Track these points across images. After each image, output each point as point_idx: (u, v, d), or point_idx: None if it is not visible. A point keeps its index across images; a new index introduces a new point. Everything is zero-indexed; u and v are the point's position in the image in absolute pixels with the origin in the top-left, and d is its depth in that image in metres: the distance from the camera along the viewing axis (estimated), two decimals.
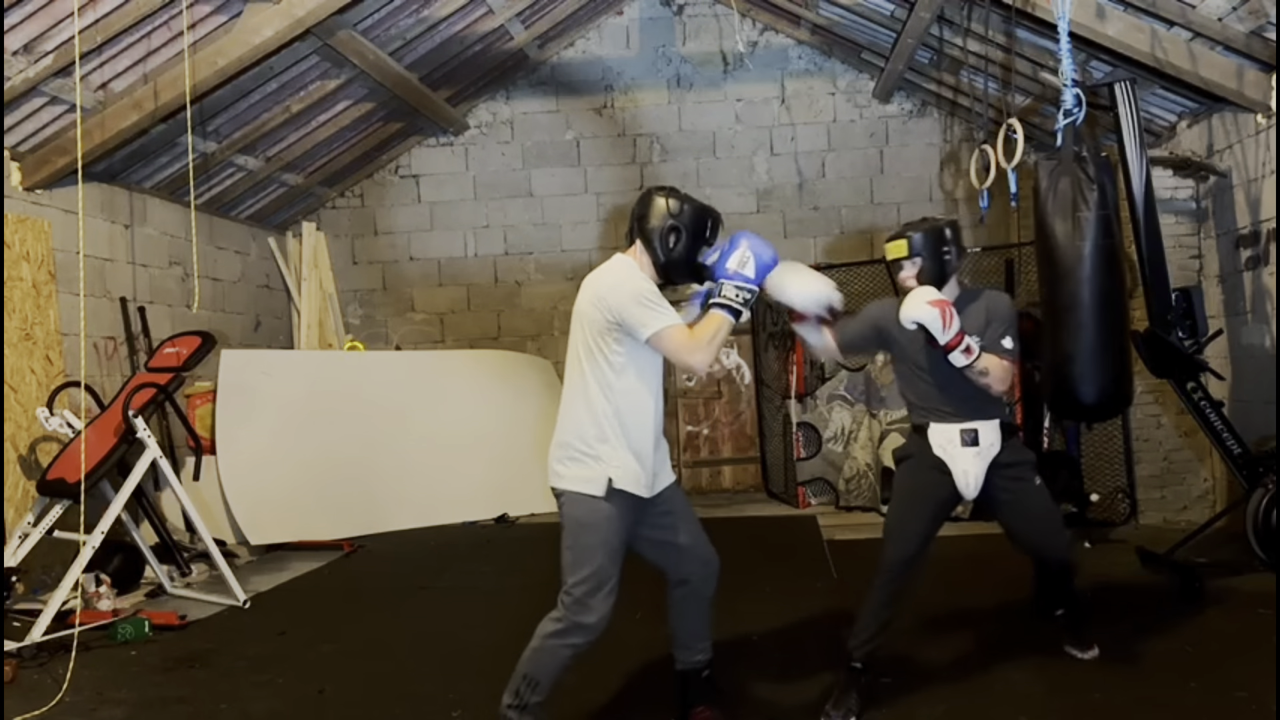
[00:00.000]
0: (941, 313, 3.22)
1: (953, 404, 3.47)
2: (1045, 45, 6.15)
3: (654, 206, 3.09)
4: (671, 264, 3.05)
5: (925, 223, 3.55)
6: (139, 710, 3.82)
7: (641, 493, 3.02)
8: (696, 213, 3.07)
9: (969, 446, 3.45)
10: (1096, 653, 3.84)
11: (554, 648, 2.95)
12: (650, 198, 3.13)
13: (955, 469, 3.47)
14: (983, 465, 3.47)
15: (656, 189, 3.16)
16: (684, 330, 2.91)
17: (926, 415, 3.55)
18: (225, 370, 6.84)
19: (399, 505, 7.39)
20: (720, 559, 3.34)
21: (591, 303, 2.98)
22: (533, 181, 9.03)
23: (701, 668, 3.31)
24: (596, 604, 2.92)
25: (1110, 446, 6.56)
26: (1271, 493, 4.91)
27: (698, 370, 2.94)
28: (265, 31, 5.53)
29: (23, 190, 5.88)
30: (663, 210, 3.07)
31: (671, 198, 3.09)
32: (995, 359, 3.37)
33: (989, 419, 3.47)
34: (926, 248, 3.46)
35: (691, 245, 3.04)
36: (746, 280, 2.92)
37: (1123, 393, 4.23)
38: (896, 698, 3.57)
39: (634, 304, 2.90)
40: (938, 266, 3.46)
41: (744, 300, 2.92)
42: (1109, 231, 3.97)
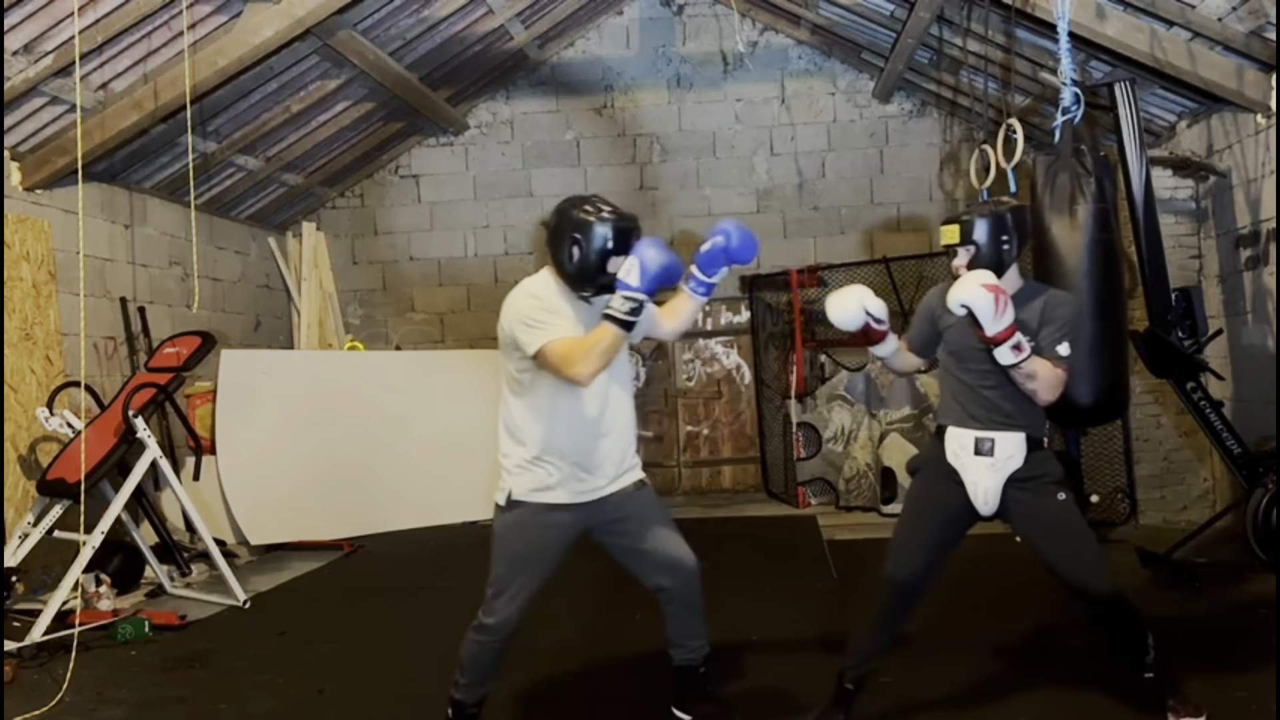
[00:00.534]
0: (995, 298, 2.89)
1: (980, 407, 3.15)
2: (1045, 45, 6.15)
3: (558, 219, 3.01)
4: (574, 277, 2.98)
5: (986, 205, 3.23)
6: (139, 710, 3.82)
7: (559, 500, 3.02)
8: (601, 224, 2.92)
9: (982, 456, 3.13)
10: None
11: (470, 639, 3.13)
12: (556, 209, 3.04)
13: (966, 479, 3.17)
14: (997, 480, 3.14)
15: (567, 200, 3.05)
16: (566, 344, 2.84)
17: (948, 416, 3.25)
18: (225, 370, 6.84)
19: (399, 505, 7.39)
20: (721, 559, 3.34)
21: (500, 324, 3.01)
22: (533, 181, 9.03)
23: (698, 664, 3.31)
24: (498, 608, 3.05)
25: (1110, 446, 6.57)
26: (1271, 493, 4.91)
27: (581, 382, 2.87)
28: (265, 31, 5.53)
29: (23, 190, 5.88)
30: (564, 223, 2.98)
31: (576, 209, 2.97)
32: (1046, 364, 3.03)
33: (1014, 430, 3.13)
34: (984, 234, 3.13)
35: (596, 258, 2.92)
36: (631, 290, 2.79)
37: (1119, 394, 4.11)
38: (896, 698, 3.56)
39: (519, 325, 2.91)
40: (995, 255, 3.14)
41: (629, 310, 2.79)
42: (1105, 226, 3.93)
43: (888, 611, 3.29)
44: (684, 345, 9.07)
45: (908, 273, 7.72)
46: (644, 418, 9.11)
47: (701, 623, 3.29)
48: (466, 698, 3.16)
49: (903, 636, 3.56)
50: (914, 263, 7.77)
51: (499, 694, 3.75)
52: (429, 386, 7.76)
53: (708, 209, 8.88)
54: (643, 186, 8.92)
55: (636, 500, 3.17)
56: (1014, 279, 3.21)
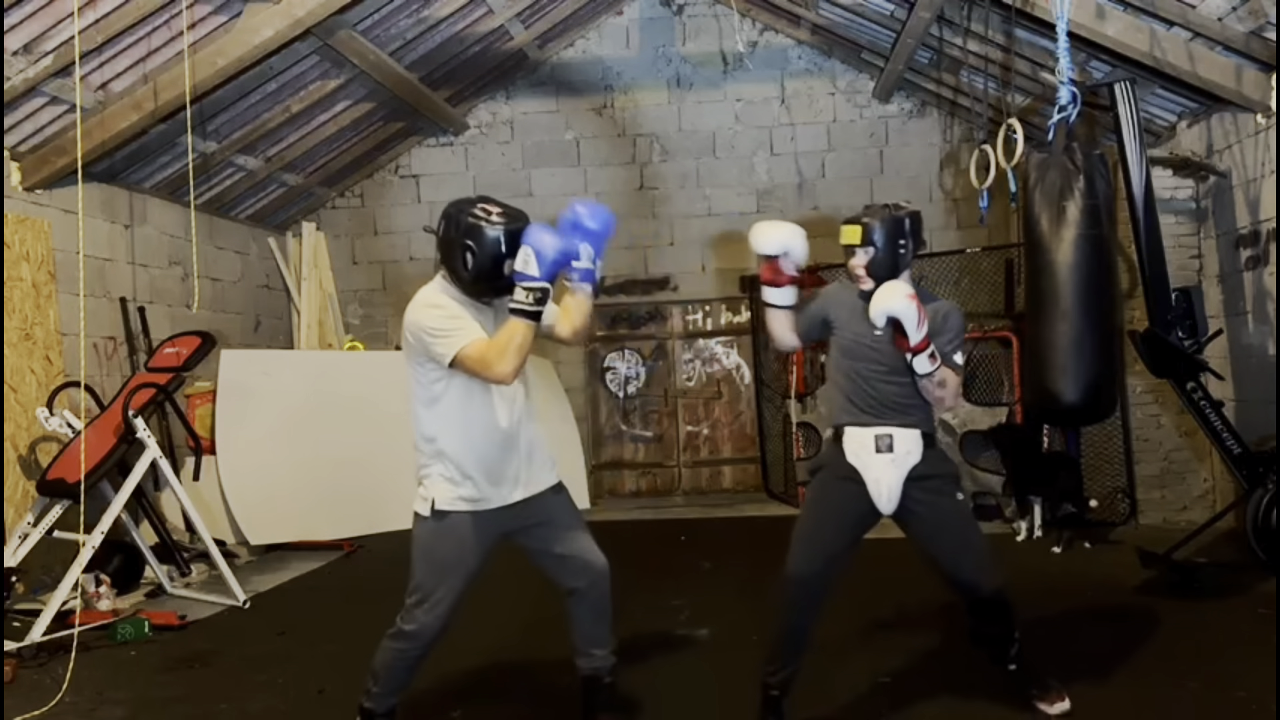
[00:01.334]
0: (918, 309, 3.00)
1: (875, 407, 3.21)
2: (1045, 45, 6.15)
3: (446, 226, 2.93)
4: (471, 284, 2.92)
5: (886, 210, 3.29)
6: (139, 710, 3.82)
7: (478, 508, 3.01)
8: (492, 228, 2.86)
9: (883, 453, 3.18)
10: (1068, 705, 3.34)
11: (386, 647, 3.12)
12: (444, 215, 2.96)
13: (868, 478, 3.20)
14: (898, 475, 3.18)
15: (454, 205, 2.97)
16: (481, 346, 2.81)
17: (844, 417, 3.28)
18: (225, 370, 6.84)
19: (399, 505, 7.30)
20: (721, 559, 3.33)
21: (406, 330, 2.97)
22: (533, 181, 9.03)
23: (604, 674, 3.26)
24: (419, 616, 3.03)
25: (1110, 446, 6.57)
26: (1271, 493, 4.91)
27: (504, 382, 2.85)
28: (265, 31, 5.53)
29: (23, 190, 5.88)
30: (453, 230, 2.90)
31: (464, 214, 2.90)
32: (951, 372, 3.15)
33: (909, 427, 3.19)
34: (884, 236, 3.21)
35: (491, 264, 2.87)
36: (531, 279, 2.76)
37: (1105, 395, 4.01)
38: (896, 698, 3.56)
39: (426, 336, 2.87)
40: (891, 258, 3.23)
41: (536, 299, 2.77)
42: (1095, 221, 3.89)
43: (794, 612, 3.31)
44: (684, 345, 9.08)
45: None
46: (644, 418, 9.12)
47: (608, 630, 3.24)
48: (377, 706, 3.14)
49: (901, 636, 3.56)
50: (914, 263, 7.75)
51: (498, 694, 3.76)
52: None
53: (708, 209, 8.88)
54: (643, 186, 8.92)
55: (552, 504, 3.17)
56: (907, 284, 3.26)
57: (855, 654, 4.08)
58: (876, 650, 4.11)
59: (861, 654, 4.07)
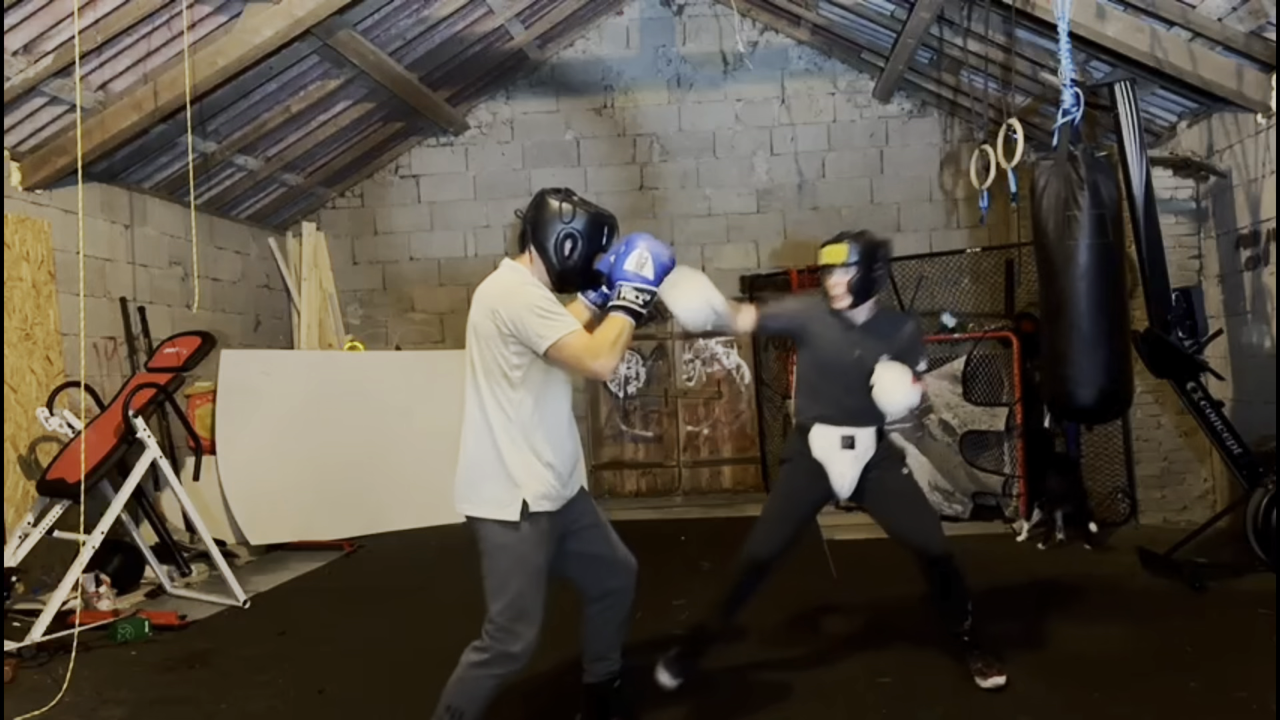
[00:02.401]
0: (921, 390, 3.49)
1: (843, 413, 3.62)
2: (1045, 45, 6.15)
3: (548, 212, 2.89)
4: (567, 272, 2.89)
5: (864, 235, 3.63)
6: (139, 710, 3.82)
7: (557, 507, 2.91)
8: (592, 219, 2.89)
9: (847, 450, 3.63)
10: (1003, 681, 3.58)
11: (478, 678, 2.84)
12: (544, 202, 2.92)
13: (832, 470, 3.66)
14: (859, 467, 3.65)
15: (550, 192, 2.96)
16: (584, 336, 2.75)
17: (812, 414, 3.69)
18: (225, 370, 6.84)
19: (399, 505, 7.38)
20: (721, 559, 3.35)
21: (485, 316, 2.82)
22: (533, 181, 9.01)
23: (617, 677, 3.24)
24: (521, 630, 2.81)
25: (1110, 446, 6.57)
26: (1271, 493, 4.91)
27: (602, 376, 2.82)
28: (265, 31, 5.53)
29: (23, 190, 5.88)
30: (557, 216, 2.87)
31: (566, 202, 2.89)
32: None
33: (868, 426, 3.63)
34: (864, 258, 3.55)
35: (587, 252, 2.89)
36: (646, 282, 2.79)
37: (1120, 394, 4.18)
38: (896, 697, 3.57)
39: (529, 314, 2.74)
40: (867, 280, 3.56)
41: (644, 303, 2.79)
42: (1102, 231, 3.95)
43: (743, 585, 3.73)
44: (684, 345, 9.07)
45: (908, 273, 7.71)
46: (644, 418, 9.12)
47: (625, 632, 3.25)
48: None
49: (901, 635, 3.55)
50: (914, 263, 7.76)
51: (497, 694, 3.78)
52: (429, 386, 7.76)
53: (708, 209, 8.88)
54: (643, 186, 8.92)
55: (591, 503, 3.13)
56: (873, 306, 3.68)
57: (854, 654, 4.08)
58: (876, 650, 4.11)
59: (861, 654, 4.07)
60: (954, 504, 6.98)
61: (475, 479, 2.88)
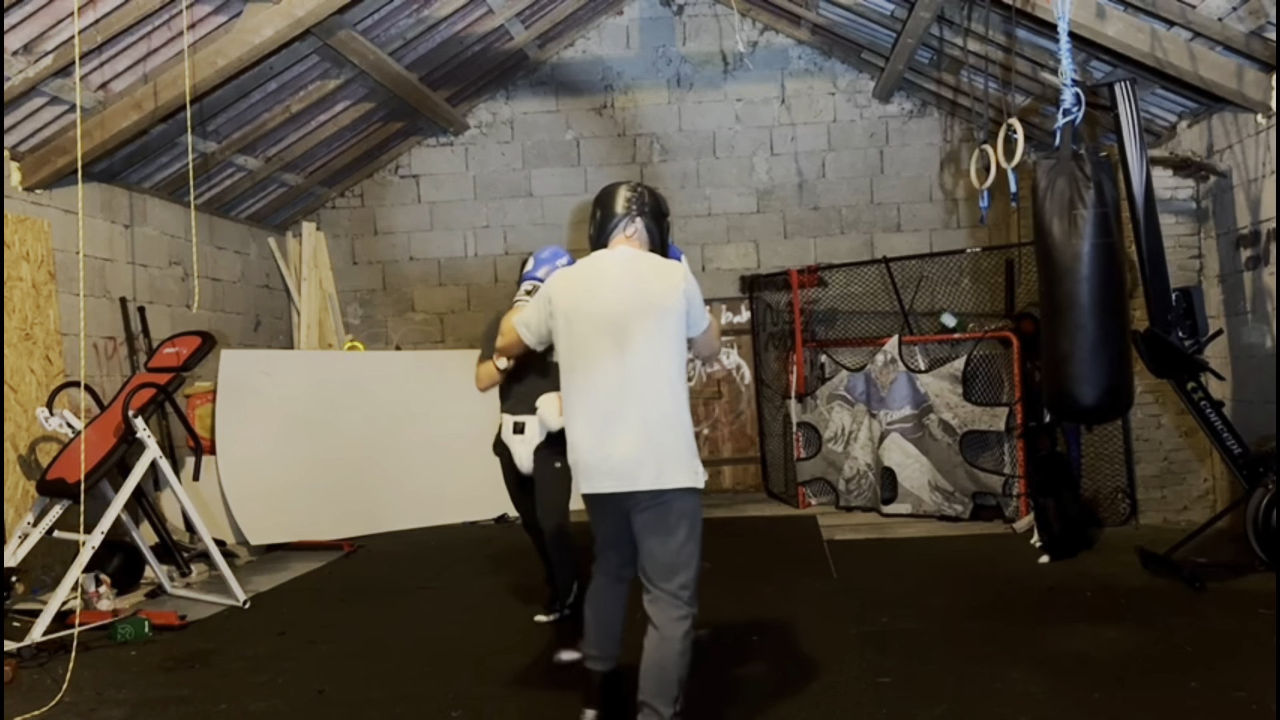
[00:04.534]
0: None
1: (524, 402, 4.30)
2: (1045, 45, 6.15)
3: (662, 203, 3.21)
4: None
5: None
6: (139, 710, 3.82)
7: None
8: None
9: (517, 434, 4.34)
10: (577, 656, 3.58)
11: (690, 644, 2.96)
12: (657, 194, 3.22)
13: (515, 451, 4.37)
14: (529, 449, 4.33)
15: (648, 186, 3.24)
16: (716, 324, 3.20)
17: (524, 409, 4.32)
18: (225, 370, 6.84)
19: (399, 505, 7.39)
20: (721, 559, 3.37)
21: (672, 294, 2.95)
22: (533, 181, 9.03)
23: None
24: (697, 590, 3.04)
25: (1110, 446, 6.57)
26: (1271, 493, 4.91)
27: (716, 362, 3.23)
28: (265, 31, 5.53)
29: (23, 190, 5.88)
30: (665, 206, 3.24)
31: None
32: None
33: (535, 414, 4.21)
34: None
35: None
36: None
37: (1122, 394, 4.18)
38: (896, 697, 3.56)
39: (699, 298, 3.04)
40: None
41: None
42: (1106, 230, 3.96)
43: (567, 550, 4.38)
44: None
45: (908, 273, 7.72)
46: None
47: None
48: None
49: (901, 635, 3.54)
50: (914, 263, 7.77)
51: (497, 694, 3.77)
52: (429, 386, 7.76)
53: (708, 209, 8.88)
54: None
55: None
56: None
57: (854, 654, 4.08)
58: (876, 650, 4.11)
59: (861, 654, 4.07)
60: (954, 504, 6.98)
61: (675, 452, 2.95)
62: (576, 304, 3.00)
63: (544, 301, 3.08)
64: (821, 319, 8.24)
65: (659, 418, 2.92)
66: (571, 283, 3.06)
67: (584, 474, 3.00)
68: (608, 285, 2.98)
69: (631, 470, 2.91)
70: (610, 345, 2.93)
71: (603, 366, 2.93)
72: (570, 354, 3.01)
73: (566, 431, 3.07)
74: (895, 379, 7.26)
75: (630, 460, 2.90)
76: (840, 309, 8.17)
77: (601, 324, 2.95)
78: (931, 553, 6.06)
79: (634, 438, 2.90)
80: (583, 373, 2.97)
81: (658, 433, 2.92)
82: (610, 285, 2.98)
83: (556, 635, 4.16)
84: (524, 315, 3.16)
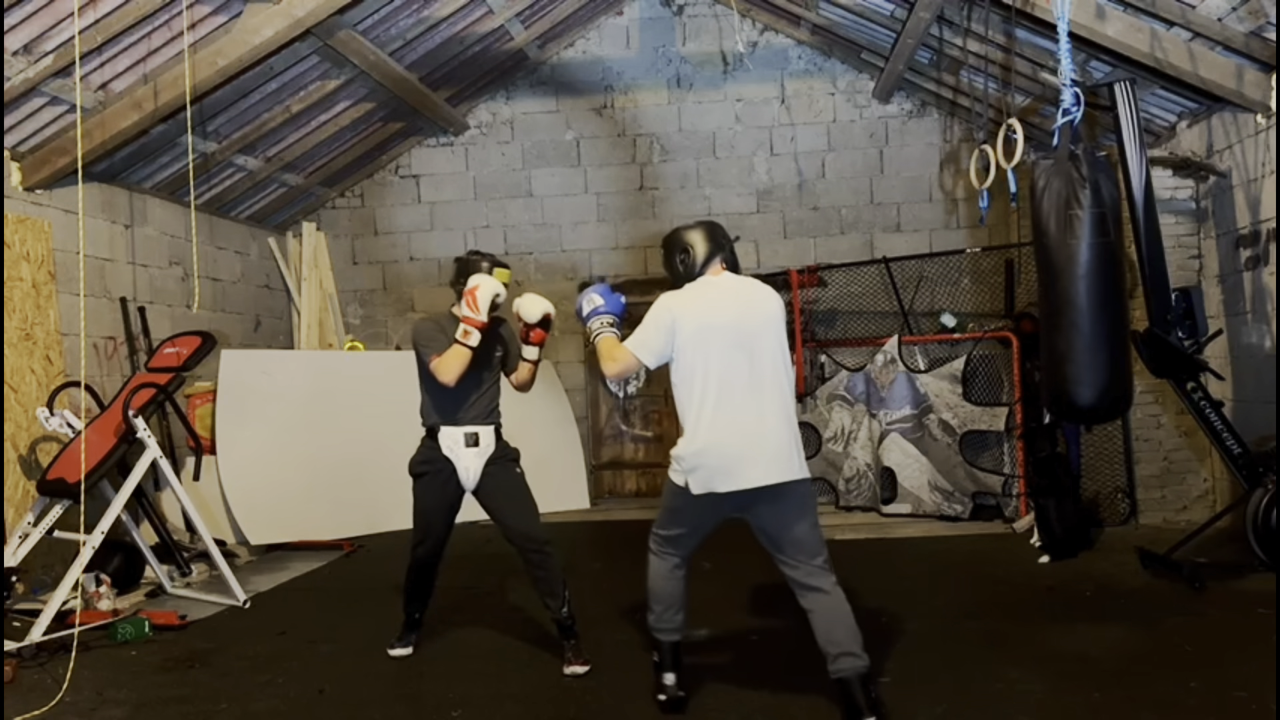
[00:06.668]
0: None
1: (470, 413, 4.19)
2: (1045, 45, 6.15)
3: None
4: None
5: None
6: (139, 710, 3.82)
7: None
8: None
9: (471, 447, 4.16)
10: (581, 670, 3.96)
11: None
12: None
13: (459, 465, 4.16)
14: (480, 461, 4.17)
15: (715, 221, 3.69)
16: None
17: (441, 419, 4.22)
18: (225, 370, 6.84)
19: (399, 505, 7.33)
20: (721, 559, 3.41)
21: (778, 310, 3.44)
22: (533, 181, 9.03)
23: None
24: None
25: (1110, 446, 6.57)
26: (1271, 493, 4.91)
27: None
28: (265, 31, 5.53)
29: (23, 190, 5.88)
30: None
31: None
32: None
33: (489, 425, 4.21)
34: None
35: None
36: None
37: (1120, 394, 4.15)
38: (896, 697, 3.57)
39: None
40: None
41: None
42: (1104, 230, 3.95)
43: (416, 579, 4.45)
44: None
45: (908, 273, 7.72)
46: (644, 417, 9.12)
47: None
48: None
49: (902, 636, 3.52)
50: (914, 263, 7.77)
51: (498, 694, 3.77)
52: None
53: (708, 209, 8.87)
54: (643, 186, 8.92)
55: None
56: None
57: None
58: (876, 650, 4.10)
59: None
60: (954, 504, 6.99)
61: (796, 448, 3.35)
62: (706, 321, 3.35)
63: (667, 323, 3.37)
64: (821, 319, 8.24)
65: (790, 416, 3.37)
66: (695, 304, 3.41)
67: (724, 474, 3.28)
68: (730, 303, 3.40)
69: (780, 463, 3.28)
70: (743, 355, 3.32)
71: (740, 373, 3.31)
72: (704, 366, 3.33)
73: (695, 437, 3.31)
74: (895, 379, 7.27)
75: (776, 454, 3.28)
76: (840, 309, 8.18)
77: (733, 337, 3.33)
78: (931, 553, 6.06)
79: (779, 434, 3.31)
80: (719, 382, 3.31)
81: (791, 429, 3.36)
82: (732, 303, 3.40)
83: (556, 635, 4.15)
84: (642, 339, 3.40)
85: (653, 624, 3.60)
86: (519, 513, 4.15)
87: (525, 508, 4.17)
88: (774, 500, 3.30)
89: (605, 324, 3.55)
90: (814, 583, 3.35)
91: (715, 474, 3.28)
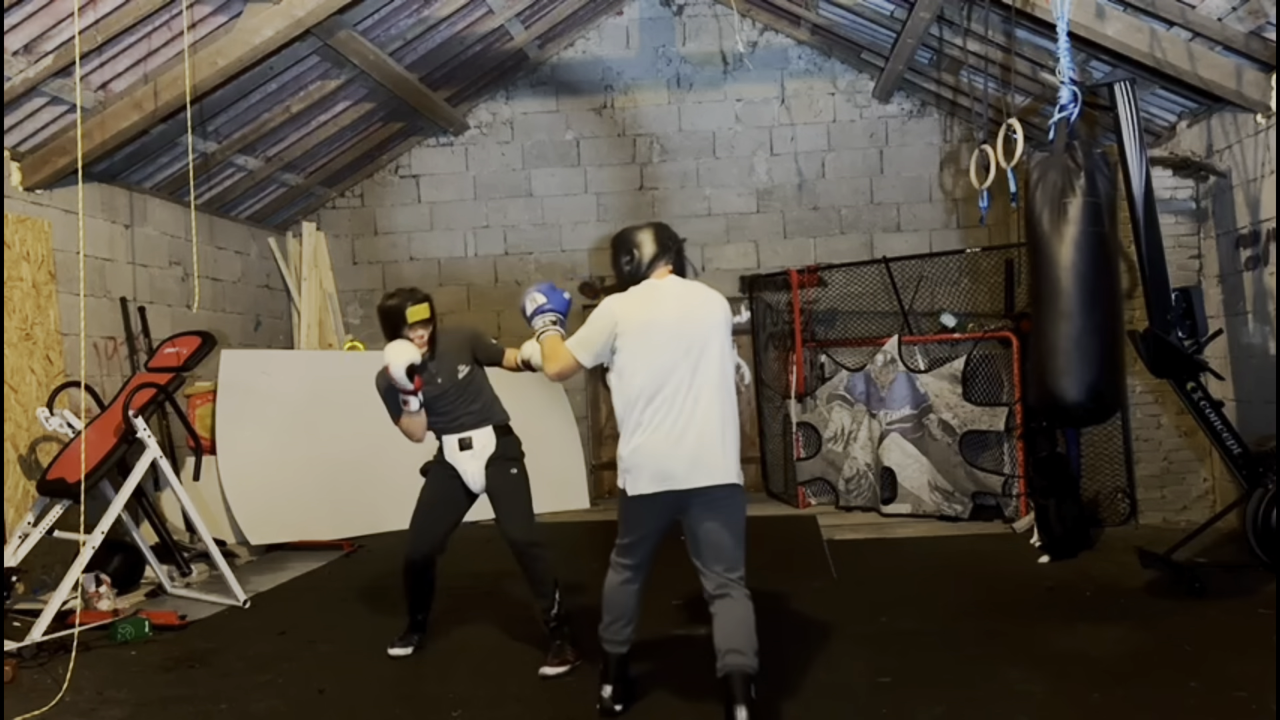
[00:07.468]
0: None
1: (456, 419, 4.28)
2: (1045, 45, 6.15)
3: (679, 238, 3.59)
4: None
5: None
6: (139, 710, 3.82)
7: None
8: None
9: (466, 450, 4.25)
10: (557, 671, 3.99)
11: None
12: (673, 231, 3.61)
13: (460, 469, 4.27)
14: (479, 463, 4.25)
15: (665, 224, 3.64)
16: None
17: (437, 429, 4.31)
18: (225, 370, 6.84)
19: (399, 505, 7.34)
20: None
21: (724, 313, 3.44)
22: (533, 181, 9.03)
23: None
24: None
25: (1110, 446, 6.57)
26: (1271, 493, 4.91)
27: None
28: (265, 31, 5.53)
29: (23, 190, 5.88)
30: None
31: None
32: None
33: (482, 427, 4.27)
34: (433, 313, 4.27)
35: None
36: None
37: (1108, 394, 4.00)
38: (896, 697, 3.57)
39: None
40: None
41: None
42: (1096, 219, 3.91)
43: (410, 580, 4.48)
44: None
45: (908, 273, 7.72)
46: None
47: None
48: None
49: (902, 635, 3.52)
50: (914, 263, 7.77)
51: (498, 694, 3.76)
52: None
53: (708, 209, 8.88)
54: (643, 186, 8.92)
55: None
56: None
57: (854, 654, 4.08)
58: (876, 650, 4.11)
59: (861, 654, 4.07)
60: (954, 504, 6.99)
61: (734, 453, 3.35)
62: (647, 323, 3.33)
63: (608, 324, 3.36)
64: (821, 319, 8.24)
65: (722, 424, 3.32)
66: (637, 306, 3.38)
67: (655, 475, 3.28)
68: (672, 306, 3.37)
69: (709, 467, 3.27)
70: (682, 358, 3.30)
71: (677, 376, 3.29)
72: (642, 368, 3.31)
73: (630, 438, 3.32)
74: (895, 379, 7.27)
75: (709, 458, 3.27)
76: (840, 309, 8.18)
77: (672, 340, 3.31)
78: (931, 553, 6.06)
79: (711, 438, 3.28)
80: (655, 383, 3.29)
81: (728, 434, 3.33)
82: (675, 306, 3.37)
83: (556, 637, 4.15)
84: (583, 339, 3.40)
85: (601, 633, 3.60)
86: (507, 513, 4.20)
87: (514, 509, 4.20)
88: (705, 505, 3.29)
89: (549, 322, 3.55)
90: (724, 592, 3.34)
91: (647, 475, 3.29)
